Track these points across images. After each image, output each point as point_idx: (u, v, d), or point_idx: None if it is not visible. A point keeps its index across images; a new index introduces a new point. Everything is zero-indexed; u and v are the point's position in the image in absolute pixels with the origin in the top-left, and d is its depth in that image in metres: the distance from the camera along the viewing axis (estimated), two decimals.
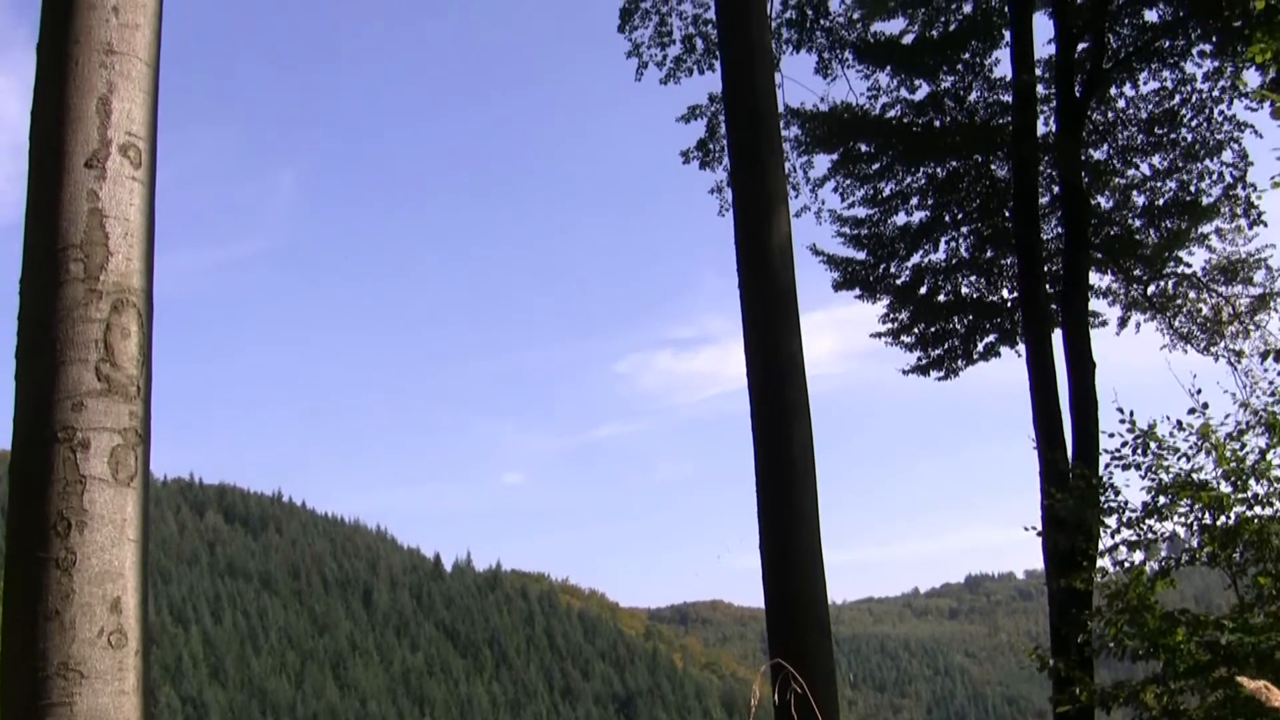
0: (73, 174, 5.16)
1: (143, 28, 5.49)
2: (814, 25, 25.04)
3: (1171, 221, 24.57)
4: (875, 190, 25.63)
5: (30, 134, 5.34)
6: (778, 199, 14.58)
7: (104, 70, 5.31)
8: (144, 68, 5.45)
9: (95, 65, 5.30)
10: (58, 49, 5.35)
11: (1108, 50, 23.52)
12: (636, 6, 24.67)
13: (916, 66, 24.82)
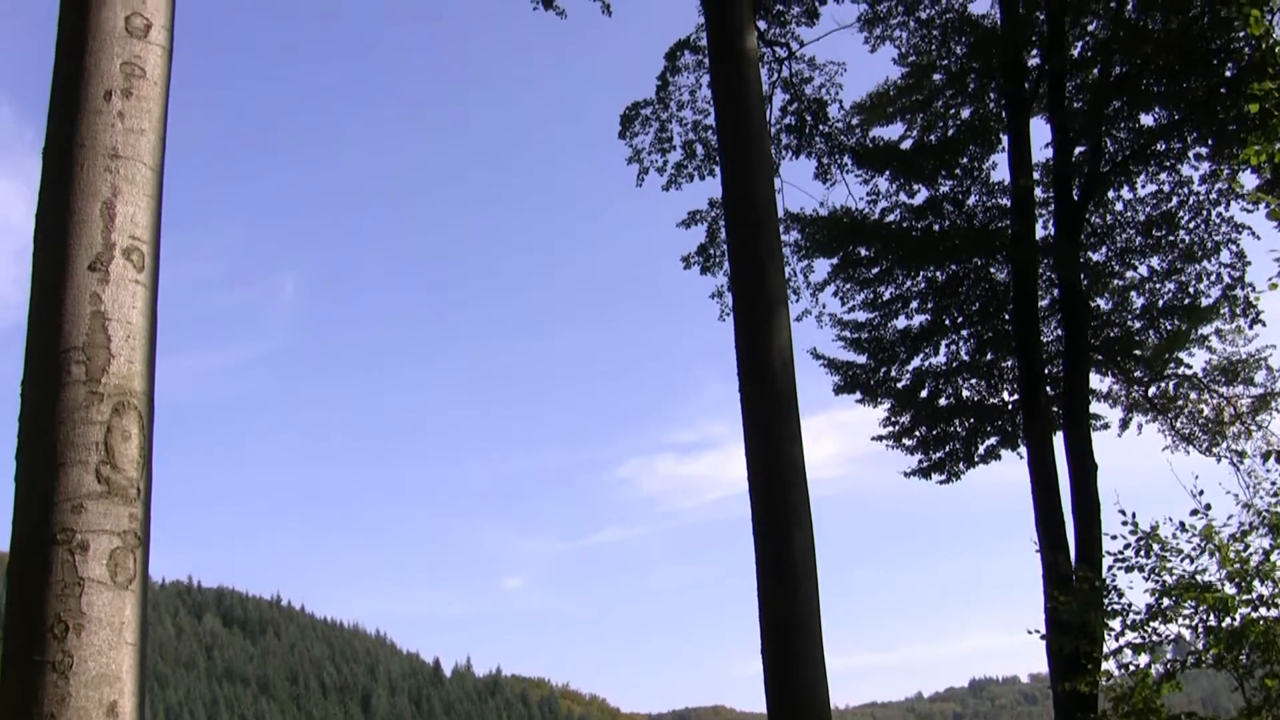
0: (76, 277, 5.18)
1: (148, 133, 5.55)
2: (813, 131, 25.25)
3: (1171, 323, 24.63)
4: (875, 294, 25.72)
5: (34, 237, 5.37)
6: (778, 303, 14.63)
7: (109, 174, 5.36)
8: (148, 172, 5.50)
9: (100, 169, 5.35)
10: (63, 153, 5.40)
11: (1105, 154, 23.70)
12: (637, 113, 24.88)
13: (915, 171, 24.99)
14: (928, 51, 25.34)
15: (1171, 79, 22.24)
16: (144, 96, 5.58)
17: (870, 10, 25.28)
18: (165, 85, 5.74)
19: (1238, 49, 21.34)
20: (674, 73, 24.64)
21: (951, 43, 25.12)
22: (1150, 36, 22.32)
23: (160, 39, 5.72)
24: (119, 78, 5.52)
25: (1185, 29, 21.91)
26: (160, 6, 5.76)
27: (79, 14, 5.61)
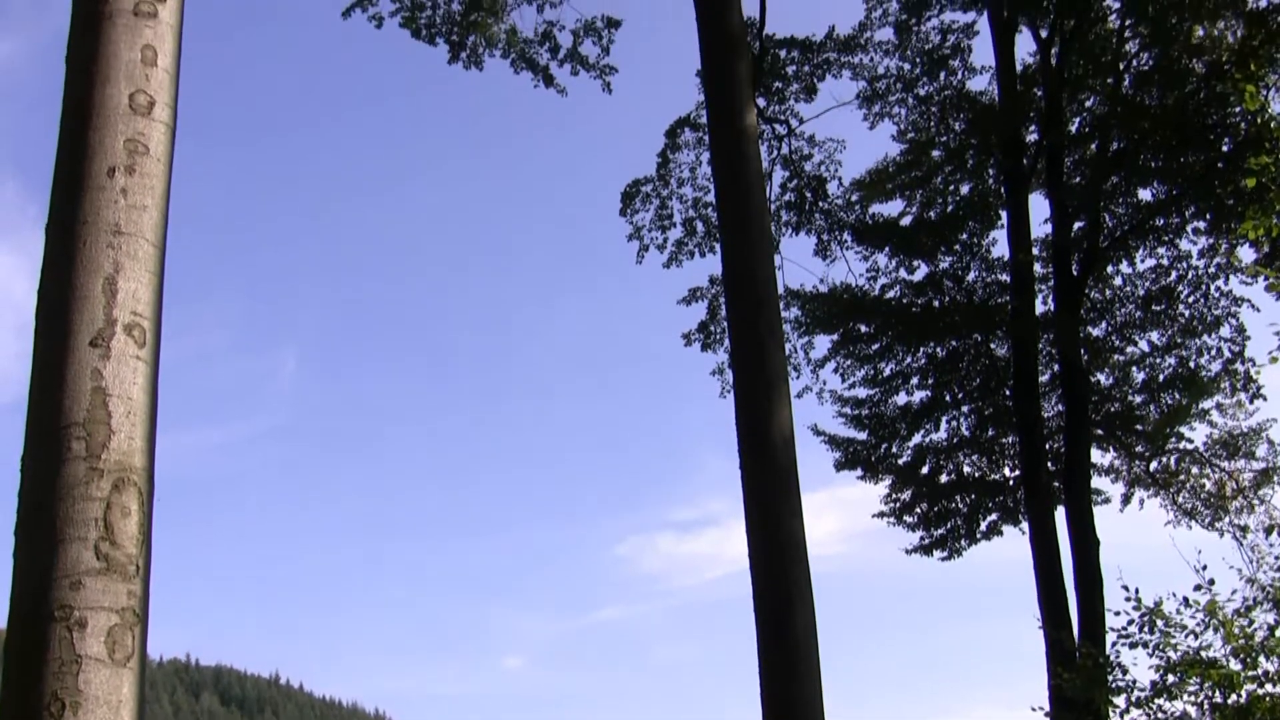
0: (77, 352, 5.18)
1: (150, 209, 5.57)
2: (813, 208, 25.34)
3: (1172, 397, 24.64)
4: (875, 370, 25.73)
5: (36, 312, 5.38)
6: (779, 380, 14.63)
7: (111, 250, 5.37)
8: (151, 248, 5.52)
9: (103, 245, 5.37)
10: (66, 229, 5.42)
11: (1104, 229, 23.80)
12: (637, 190, 24.97)
13: (915, 247, 25.08)
14: (926, 128, 25.48)
15: (1169, 154, 22.38)
16: (147, 173, 5.61)
17: (869, 87, 25.44)
18: (168, 161, 5.77)
19: (1234, 124, 21.50)
20: (674, 150, 24.75)
21: (950, 119, 25.27)
22: (1148, 112, 22.47)
23: (163, 116, 5.76)
24: (122, 154, 5.55)
25: (1182, 104, 22.06)
26: (164, 84, 5.80)
27: (83, 91, 5.65)
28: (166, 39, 5.88)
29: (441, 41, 23.48)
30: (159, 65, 5.80)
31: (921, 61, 25.24)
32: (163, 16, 5.88)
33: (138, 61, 5.72)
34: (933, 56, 25.16)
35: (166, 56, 5.86)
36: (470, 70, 23.80)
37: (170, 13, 5.93)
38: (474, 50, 23.58)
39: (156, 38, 5.83)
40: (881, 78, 25.45)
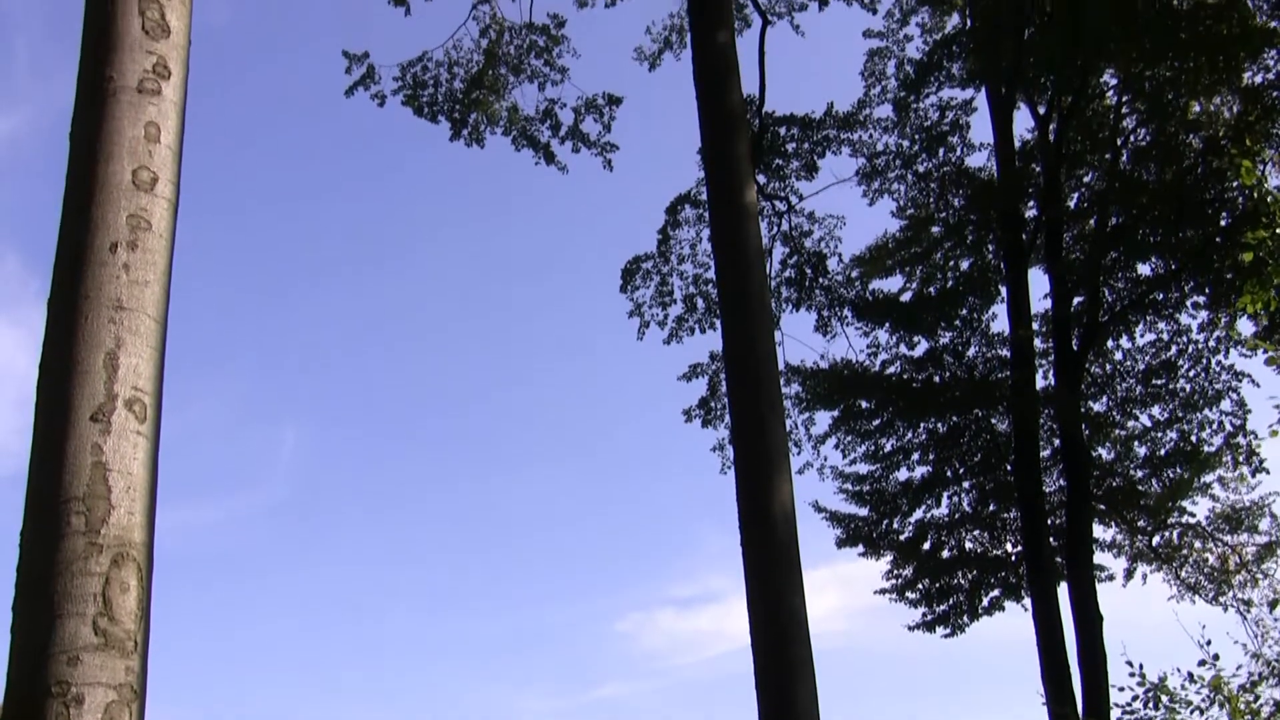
0: (78, 427, 5.19)
1: (152, 284, 5.59)
2: (813, 284, 25.37)
3: (1174, 472, 24.58)
4: (876, 446, 25.70)
5: (37, 386, 5.38)
6: (779, 457, 14.61)
7: (113, 326, 5.39)
8: (152, 324, 5.53)
9: (104, 320, 5.38)
10: (68, 304, 5.44)
11: (1103, 304, 23.84)
12: (638, 267, 25.01)
13: (915, 323, 25.12)
14: (926, 204, 25.58)
15: (1167, 229, 22.47)
16: (149, 249, 5.63)
17: (868, 164, 25.55)
18: (170, 238, 5.80)
19: (1231, 199, 21.60)
20: (675, 226, 24.81)
21: (949, 195, 25.37)
22: (1146, 188, 22.58)
23: (166, 192, 5.79)
24: (125, 230, 5.58)
25: (1180, 180, 22.18)
26: (167, 160, 5.84)
27: (87, 167, 5.68)
28: (170, 116, 5.93)
29: (443, 119, 23.65)
30: (162, 142, 5.84)
31: (920, 138, 25.38)
32: (166, 94, 5.93)
33: (141, 138, 5.77)
34: (932, 133, 25.30)
35: (170, 133, 5.90)
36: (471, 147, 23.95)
37: (174, 90, 5.98)
38: (475, 128, 23.73)
39: (160, 114, 5.87)
40: (881, 154, 25.58)
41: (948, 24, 26.25)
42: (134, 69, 5.87)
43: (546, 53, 23.78)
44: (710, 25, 17.16)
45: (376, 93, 23.01)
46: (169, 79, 5.96)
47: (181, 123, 6.02)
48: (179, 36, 6.09)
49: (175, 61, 6.03)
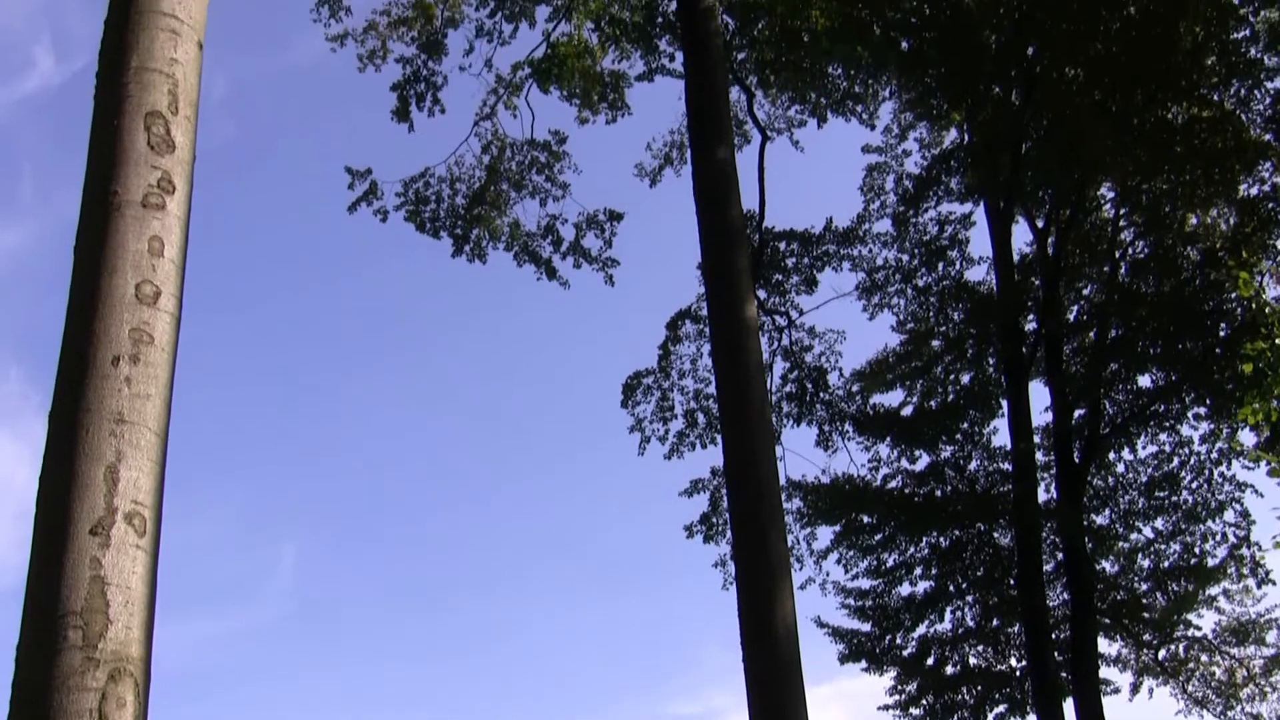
0: (77, 540, 5.16)
1: (154, 398, 5.59)
2: (814, 399, 25.39)
3: (1178, 584, 24.46)
4: (879, 561, 25.59)
5: (37, 499, 5.37)
6: (781, 572, 14.52)
7: (114, 439, 5.38)
8: (153, 437, 5.53)
9: (105, 434, 5.38)
10: (69, 416, 5.44)
11: (1104, 416, 23.83)
12: (639, 382, 25.05)
13: (916, 438, 25.12)
14: (926, 318, 25.69)
15: (1167, 341, 22.53)
16: (151, 363, 5.64)
17: (868, 279, 25.70)
18: (173, 351, 5.81)
19: (1230, 310, 21.67)
20: (675, 342, 24.89)
21: (949, 309, 25.49)
22: (1145, 300, 22.68)
23: (169, 306, 5.81)
24: (127, 344, 5.59)
25: (1178, 291, 22.27)
26: (170, 274, 5.86)
27: (90, 280, 5.70)
28: (174, 230, 5.96)
29: (445, 235, 23.80)
30: (166, 256, 5.87)
31: (920, 252, 25.56)
32: (170, 208, 5.96)
33: (145, 252, 5.79)
34: (931, 247, 25.47)
35: (173, 247, 5.93)
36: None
37: (178, 204, 6.01)
38: (478, 244, 23.89)
39: (164, 229, 5.90)
40: (880, 269, 25.76)
41: (945, 139, 26.54)
42: (139, 184, 5.91)
43: (548, 169, 24.02)
44: (710, 141, 17.31)
45: (379, 208, 23.22)
46: (173, 194, 6.00)
47: (185, 237, 6.05)
48: (184, 152, 6.14)
49: (180, 176, 6.07)
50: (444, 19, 23.72)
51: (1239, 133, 21.35)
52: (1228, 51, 21.58)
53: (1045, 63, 22.76)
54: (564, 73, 23.89)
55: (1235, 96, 21.96)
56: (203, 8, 6.54)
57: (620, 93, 24.57)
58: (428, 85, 23.36)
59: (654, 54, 24.07)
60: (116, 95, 6.09)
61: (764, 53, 23.97)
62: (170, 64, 6.22)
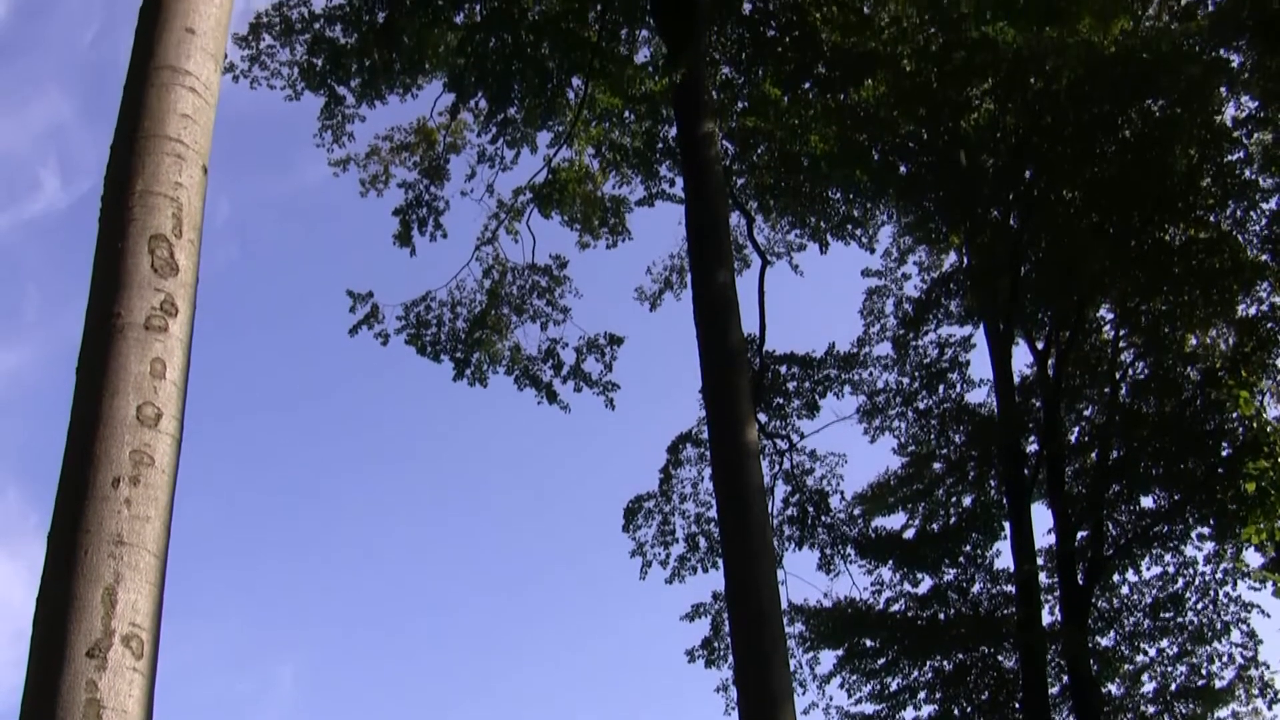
0: (73, 663, 5.13)
1: (153, 520, 5.59)
2: (815, 522, 25.30)
3: (1186, 707, 24.19)
4: (882, 685, 25.31)
5: (34, 620, 5.34)
6: (784, 697, 14.42)
7: (112, 560, 5.37)
8: (152, 559, 5.52)
9: (104, 555, 5.37)
10: (68, 537, 5.43)
11: (1107, 538, 23.72)
12: (640, 507, 24.98)
13: (919, 561, 24.99)
14: (927, 441, 25.69)
15: (1169, 461, 22.49)
16: (151, 484, 5.64)
17: (869, 402, 25.75)
18: (173, 473, 5.81)
19: (1231, 429, 21.66)
20: (676, 465, 24.86)
21: (950, 431, 25.49)
22: (1146, 420, 22.68)
23: (170, 428, 5.82)
24: (128, 465, 5.59)
25: (1180, 412, 22.28)
26: (172, 396, 5.88)
27: (91, 402, 5.72)
28: (176, 353, 5.99)
29: (446, 359, 23.88)
30: (167, 378, 5.89)
31: (920, 375, 25.62)
32: (173, 331, 5.99)
33: (147, 374, 5.82)
34: (931, 370, 25.54)
35: (175, 370, 5.95)
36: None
37: (181, 327, 6.05)
38: (478, 367, 23.96)
39: (166, 351, 5.93)
40: (881, 392, 25.82)
41: (945, 262, 26.72)
42: (142, 306, 5.94)
43: (549, 293, 24.16)
44: (710, 265, 17.44)
45: (380, 332, 23.30)
46: (176, 316, 6.03)
47: (187, 359, 6.08)
48: (187, 275, 6.18)
49: (183, 299, 6.11)
50: (446, 145, 24.01)
51: (1236, 253, 21.52)
52: (1223, 173, 21.81)
53: (1043, 186, 23.00)
54: (565, 198, 24.13)
55: (1231, 217, 22.17)
56: (208, 132, 6.63)
57: (621, 217, 24.80)
58: (430, 210, 23.59)
59: (655, 179, 24.31)
60: (121, 218, 6.15)
61: (763, 178, 24.20)
62: (175, 187, 6.28)
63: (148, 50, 6.66)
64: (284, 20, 22.48)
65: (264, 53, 22.62)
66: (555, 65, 23.06)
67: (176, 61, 6.60)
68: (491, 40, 22.69)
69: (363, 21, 22.28)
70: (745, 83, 24.00)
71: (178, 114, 6.47)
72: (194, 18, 6.77)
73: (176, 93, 6.52)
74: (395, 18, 21.99)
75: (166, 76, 6.54)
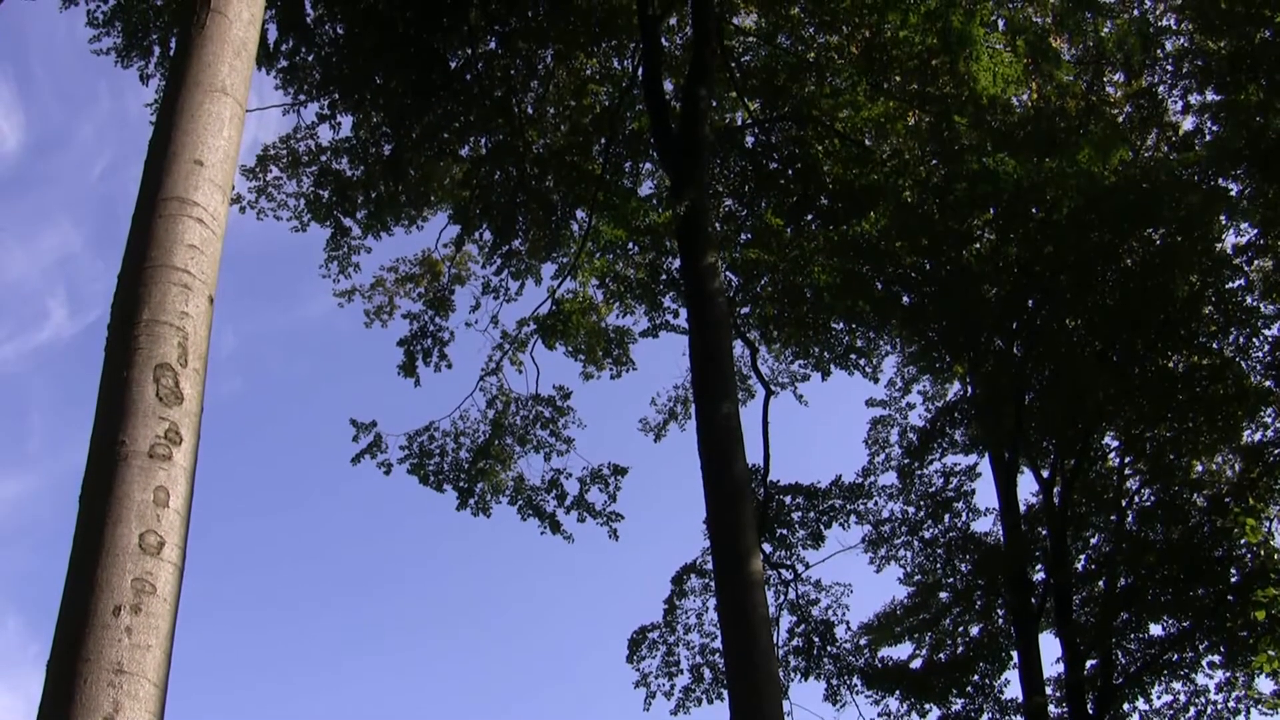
0: None
1: (154, 649, 5.55)
2: (821, 653, 25.10)
3: None
4: None
5: None
6: None
7: (111, 690, 5.33)
8: (152, 688, 5.48)
9: (103, 684, 5.33)
10: (68, 666, 5.39)
11: (1117, 666, 23.50)
12: (644, 637, 24.82)
13: (926, 691, 24.74)
14: (933, 570, 25.57)
15: (1177, 589, 22.34)
16: (153, 613, 5.61)
17: (874, 531, 25.65)
18: (175, 601, 5.79)
19: (1240, 556, 21.54)
20: (680, 596, 24.73)
21: (956, 561, 25.38)
22: (1153, 548, 22.57)
23: (172, 556, 5.80)
24: (129, 593, 5.57)
25: (1187, 539, 22.18)
26: (174, 525, 5.86)
27: (94, 529, 5.71)
28: (179, 481, 5.98)
29: (449, 489, 23.83)
30: (171, 506, 5.88)
31: (926, 505, 25.58)
32: (177, 459, 6.00)
33: (150, 502, 5.81)
34: (936, 499, 25.50)
35: (179, 498, 5.95)
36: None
37: (184, 455, 6.05)
38: (482, 498, 23.90)
39: (170, 479, 5.93)
40: (886, 521, 25.75)
41: (949, 391, 26.79)
42: (146, 434, 5.95)
43: (552, 424, 24.16)
44: (714, 396, 17.46)
45: (383, 461, 23.30)
46: (180, 445, 6.03)
47: (191, 488, 6.08)
48: (191, 404, 6.19)
49: (187, 428, 6.12)
50: (451, 276, 24.19)
51: (1239, 380, 21.59)
52: (1224, 300, 21.95)
53: (1045, 314, 23.10)
54: (569, 329, 24.22)
55: (1234, 344, 22.26)
56: (215, 263, 6.68)
57: (625, 348, 24.88)
58: (434, 341, 23.67)
59: (658, 310, 24.42)
60: (127, 346, 6.18)
61: (767, 308, 24.32)
62: (181, 317, 6.31)
63: (156, 181, 6.73)
64: (291, 153, 22.77)
65: (271, 184, 22.90)
66: (560, 198, 23.30)
67: (184, 193, 6.67)
68: (496, 173, 22.96)
69: (369, 154, 22.55)
70: (748, 215, 24.24)
71: (185, 244, 6.52)
72: (202, 150, 6.85)
73: (184, 223, 6.58)
74: (401, 151, 22.24)
75: (174, 208, 6.61)
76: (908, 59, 21.82)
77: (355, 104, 21.94)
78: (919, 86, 22.20)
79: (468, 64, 22.31)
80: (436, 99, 21.81)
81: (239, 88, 7.28)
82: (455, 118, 22.59)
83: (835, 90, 22.46)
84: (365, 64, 21.20)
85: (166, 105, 7.14)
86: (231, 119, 7.14)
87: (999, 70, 20.27)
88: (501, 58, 22.73)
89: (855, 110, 22.60)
